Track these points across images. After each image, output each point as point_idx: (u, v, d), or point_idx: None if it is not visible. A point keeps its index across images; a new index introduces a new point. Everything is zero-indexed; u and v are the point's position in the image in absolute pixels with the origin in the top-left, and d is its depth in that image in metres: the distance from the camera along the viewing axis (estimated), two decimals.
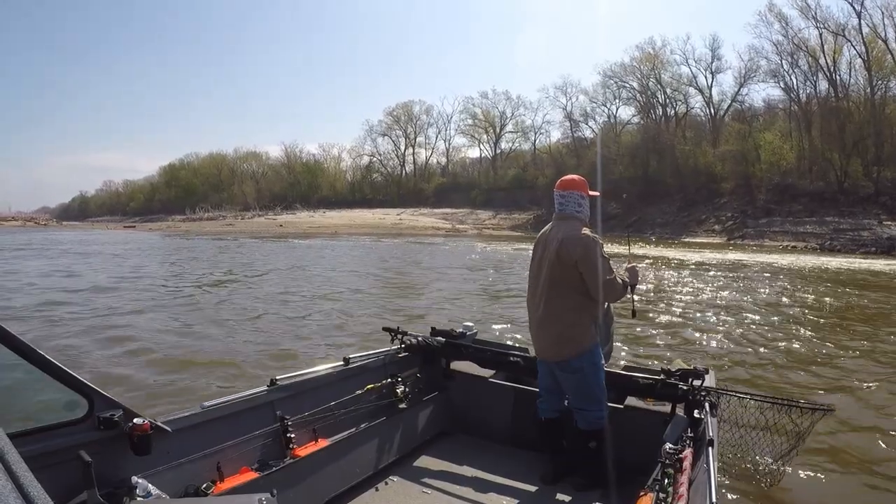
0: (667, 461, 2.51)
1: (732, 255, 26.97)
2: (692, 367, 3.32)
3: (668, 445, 2.61)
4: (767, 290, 14.08)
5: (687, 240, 40.52)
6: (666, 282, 15.66)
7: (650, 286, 14.33)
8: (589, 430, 3.20)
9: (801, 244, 34.23)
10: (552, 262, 3.15)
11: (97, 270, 17.62)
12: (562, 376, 3.24)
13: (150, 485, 2.14)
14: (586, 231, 3.15)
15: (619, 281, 3.18)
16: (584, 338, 3.13)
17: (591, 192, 3.31)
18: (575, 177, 3.36)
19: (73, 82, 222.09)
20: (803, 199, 41.36)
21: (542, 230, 3.40)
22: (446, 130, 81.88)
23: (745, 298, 12.68)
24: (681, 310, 11.05)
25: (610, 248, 3.40)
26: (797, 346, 8.06)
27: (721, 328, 9.31)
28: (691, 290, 14.11)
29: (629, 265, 3.39)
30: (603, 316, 3.34)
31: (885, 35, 42.72)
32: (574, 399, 3.26)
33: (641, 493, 2.45)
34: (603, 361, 3.27)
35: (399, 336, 3.99)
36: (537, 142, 74.29)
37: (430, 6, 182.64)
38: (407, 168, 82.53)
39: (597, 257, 3.05)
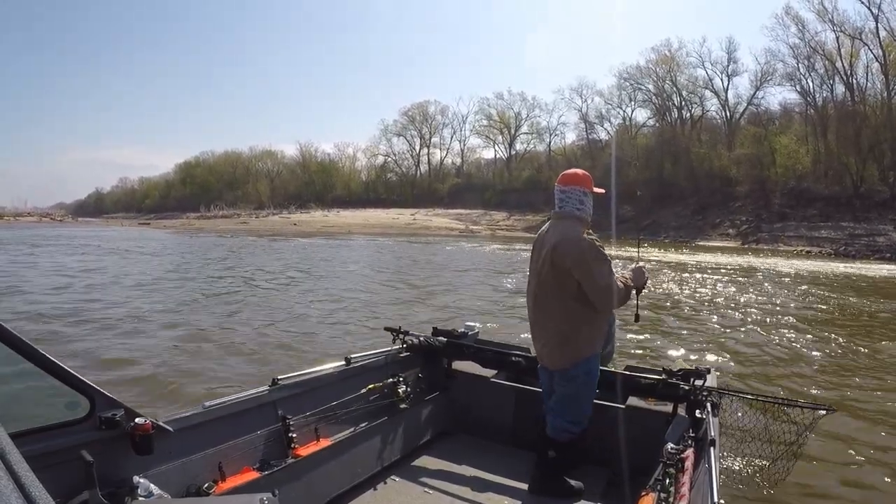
0: (668, 461, 2.50)
1: (745, 259, 26.67)
2: (694, 367, 3.30)
3: (669, 445, 2.60)
4: (779, 295, 13.93)
5: (701, 243, 40.18)
6: (676, 284, 15.54)
7: (660, 288, 14.25)
8: (553, 439, 3.09)
9: (815, 249, 33.83)
10: (547, 267, 2.95)
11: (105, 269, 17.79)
12: (556, 383, 3.11)
13: (151, 484, 2.14)
14: (585, 234, 2.91)
15: (621, 285, 2.97)
16: (581, 346, 2.97)
17: (596, 189, 3.06)
18: (578, 170, 3.08)
19: (83, 83, 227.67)
20: (818, 203, 40.87)
21: (541, 229, 3.19)
22: (461, 131, 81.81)
23: (755, 302, 12.58)
24: (687, 311, 11.02)
25: (621, 251, 3.34)
26: (803, 349, 8.02)
27: (726, 330, 9.28)
28: (700, 292, 14.01)
29: (635, 265, 3.14)
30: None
31: None
32: (555, 403, 3.11)
33: (643, 493, 2.44)
34: (598, 371, 3.13)
35: (400, 336, 3.97)
36: (552, 143, 74.24)
37: (447, 6, 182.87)
38: (421, 168, 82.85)
39: (593, 263, 2.84)
